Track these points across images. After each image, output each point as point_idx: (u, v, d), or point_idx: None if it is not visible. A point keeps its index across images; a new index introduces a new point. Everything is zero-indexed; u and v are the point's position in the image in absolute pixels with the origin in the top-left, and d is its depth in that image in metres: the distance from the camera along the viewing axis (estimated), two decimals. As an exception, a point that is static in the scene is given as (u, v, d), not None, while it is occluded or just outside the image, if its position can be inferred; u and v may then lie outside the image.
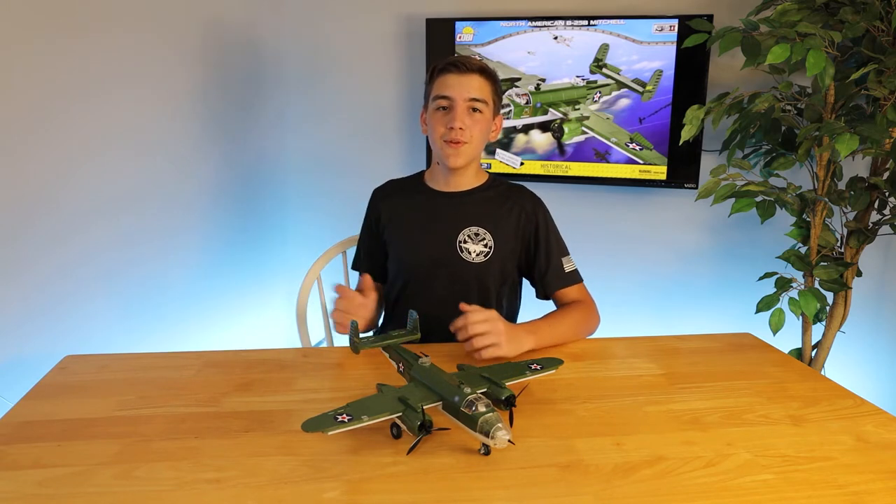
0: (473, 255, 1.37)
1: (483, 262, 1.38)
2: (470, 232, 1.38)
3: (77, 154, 1.57)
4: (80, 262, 1.60)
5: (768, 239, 2.16)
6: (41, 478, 0.81)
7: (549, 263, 1.40)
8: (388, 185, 1.52)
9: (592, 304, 1.40)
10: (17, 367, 1.38)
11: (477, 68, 1.33)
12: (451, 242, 1.38)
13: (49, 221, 1.51)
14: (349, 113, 2.53)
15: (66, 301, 1.57)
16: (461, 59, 1.33)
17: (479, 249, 1.38)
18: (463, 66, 1.32)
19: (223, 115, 2.18)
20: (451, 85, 1.32)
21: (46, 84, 1.47)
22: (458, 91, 1.31)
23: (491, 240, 1.38)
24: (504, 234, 1.39)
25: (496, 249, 1.38)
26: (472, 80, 1.32)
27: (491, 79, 1.35)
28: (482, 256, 1.38)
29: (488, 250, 1.38)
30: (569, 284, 1.40)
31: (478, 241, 1.38)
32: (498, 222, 1.40)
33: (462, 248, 1.38)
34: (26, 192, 1.45)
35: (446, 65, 1.33)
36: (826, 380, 1.14)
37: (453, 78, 1.32)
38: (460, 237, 1.38)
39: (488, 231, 1.39)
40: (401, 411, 0.88)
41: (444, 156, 1.35)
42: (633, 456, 0.87)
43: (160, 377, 1.11)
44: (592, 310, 1.38)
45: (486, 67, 1.35)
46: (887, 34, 1.67)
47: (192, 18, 1.98)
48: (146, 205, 1.83)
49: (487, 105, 1.34)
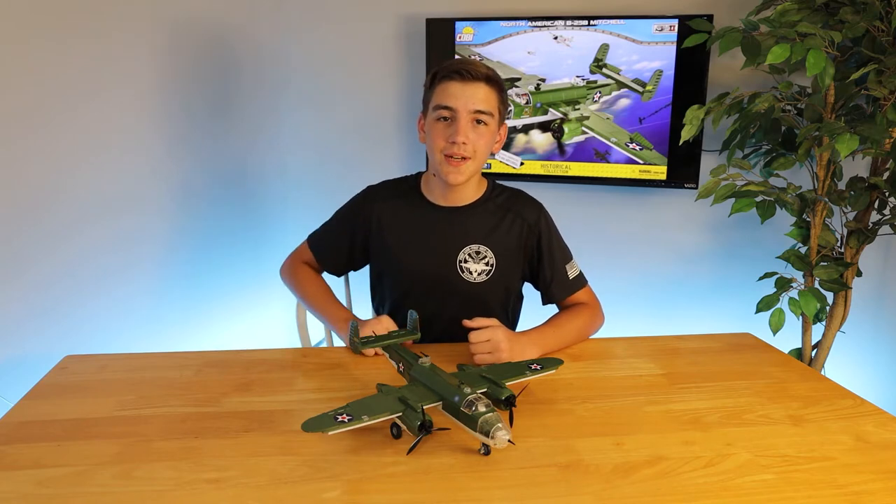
0: (475, 274, 1.31)
1: (485, 281, 1.32)
2: (471, 251, 1.31)
3: (77, 154, 1.57)
4: (80, 262, 1.60)
5: (768, 239, 2.16)
6: (41, 478, 0.81)
7: (553, 273, 1.35)
8: (385, 186, 1.41)
9: (598, 305, 1.38)
10: (17, 367, 1.38)
11: (483, 76, 1.21)
12: (451, 262, 1.31)
13: (49, 221, 1.51)
14: (349, 113, 2.53)
15: (66, 301, 1.56)
16: (466, 65, 1.21)
17: (481, 269, 1.31)
18: (468, 73, 1.20)
19: (223, 115, 2.18)
20: (453, 94, 1.20)
21: (45, 84, 1.47)
22: (462, 102, 1.20)
23: (492, 257, 1.32)
24: (506, 249, 1.33)
25: (498, 267, 1.32)
26: (478, 89, 1.21)
27: (497, 87, 1.24)
28: (484, 276, 1.31)
29: (490, 269, 1.32)
30: (574, 291, 1.37)
31: (479, 260, 1.31)
32: (500, 238, 1.33)
33: (462, 269, 1.31)
34: (26, 192, 1.44)
35: (449, 72, 1.21)
36: (826, 380, 1.14)
37: (456, 87, 1.21)
38: (460, 256, 1.31)
39: (490, 248, 1.32)
40: (401, 411, 0.88)
41: (444, 172, 1.25)
42: (633, 456, 0.87)
43: (160, 377, 1.11)
44: (597, 312, 1.36)
45: (493, 74, 1.23)
46: (887, 34, 1.67)
47: (191, 19, 1.98)
48: (146, 205, 1.83)
49: (493, 117, 1.24)
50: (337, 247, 1.42)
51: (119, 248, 1.73)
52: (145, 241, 1.84)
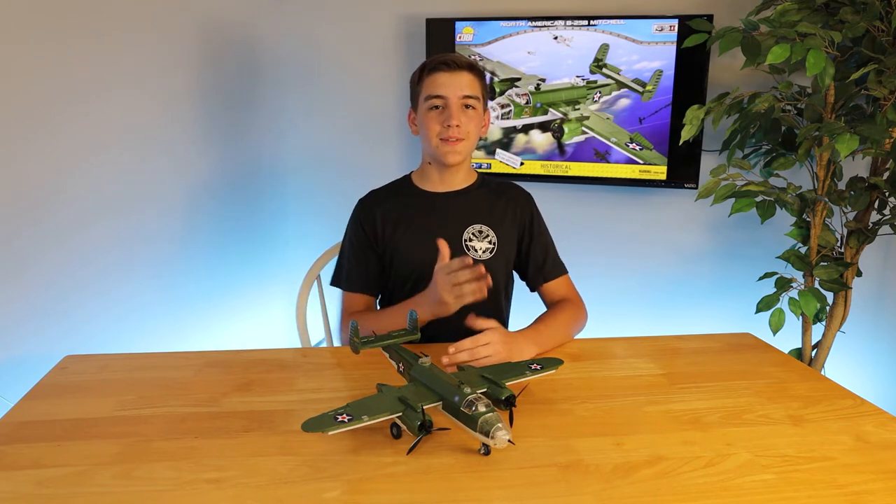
0: (480, 252, 1.38)
1: (490, 258, 1.38)
2: (474, 230, 1.39)
3: (77, 154, 1.57)
4: (80, 262, 1.60)
5: (768, 239, 2.16)
6: (41, 478, 0.81)
7: (546, 254, 1.43)
8: (374, 195, 1.46)
9: (580, 299, 1.43)
10: (17, 367, 1.38)
11: (466, 65, 1.33)
12: (458, 241, 1.37)
13: (49, 221, 1.51)
14: (349, 112, 2.53)
15: (66, 301, 1.56)
16: (449, 57, 1.33)
17: (486, 246, 1.38)
18: (454, 63, 1.32)
19: (223, 115, 2.18)
20: (443, 83, 1.32)
21: (45, 84, 1.47)
22: (452, 89, 1.31)
23: (494, 236, 1.39)
24: (504, 230, 1.41)
25: (500, 246, 1.39)
26: (463, 77, 1.32)
27: (479, 75, 1.36)
28: (489, 253, 1.38)
29: (493, 247, 1.39)
30: (562, 273, 1.44)
31: (483, 239, 1.38)
32: (497, 218, 1.41)
33: (469, 247, 1.37)
34: (26, 192, 1.44)
35: (437, 63, 1.33)
36: (826, 380, 1.14)
37: (445, 76, 1.32)
38: (465, 235, 1.38)
39: (491, 228, 1.40)
40: (401, 411, 0.88)
41: (442, 153, 1.34)
42: (633, 456, 0.87)
43: (160, 377, 1.11)
44: (581, 306, 1.41)
45: (474, 63, 1.36)
46: (887, 34, 1.67)
47: (191, 19, 1.98)
48: (146, 205, 1.83)
49: (479, 101, 1.35)
50: (369, 269, 1.41)
51: (119, 248, 1.73)
52: (145, 241, 1.83)
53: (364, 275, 1.41)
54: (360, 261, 1.41)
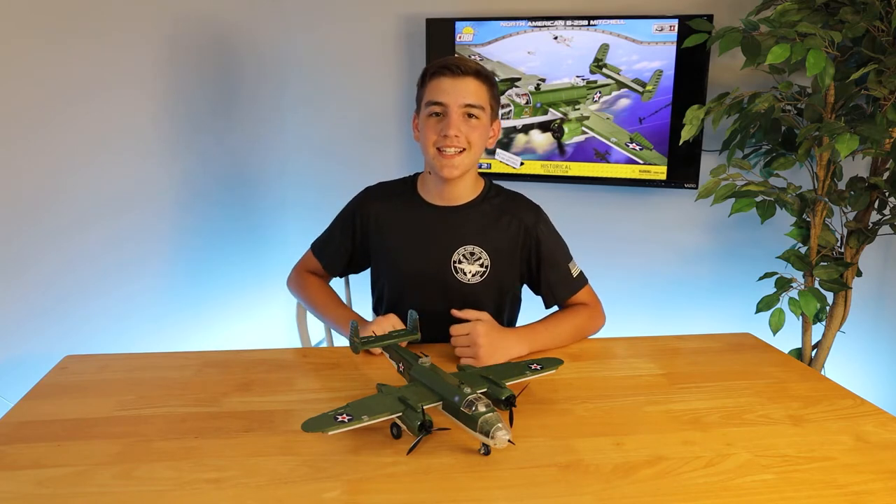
0: (469, 275, 1.31)
1: (479, 282, 1.32)
2: (465, 251, 1.31)
3: (77, 154, 1.57)
4: (80, 262, 1.60)
5: (768, 239, 2.16)
6: (41, 478, 0.81)
7: (558, 276, 1.35)
8: (382, 187, 1.43)
9: (598, 305, 1.38)
10: (17, 367, 1.38)
11: (472, 71, 1.24)
12: (445, 263, 1.31)
13: (49, 221, 1.51)
14: (349, 113, 2.53)
15: (66, 301, 1.56)
16: (455, 61, 1.24)
17: (475, 270, 1.31)
18: (457, 68, 1.22)
19: (223, 115, 2.18)
20: (444, 90, 1.23)
21: (45, 84, 1.47)
22: (453, 96, 1.22)
23: (487, 258, 1.32)
24: (501, 250, 1.33)
25: (493, 268, 1.32)
26: (468, 83, 1.23)
27: (487, 82, 1.27)
28: (478, 277, 1.32)
29: (484, 270, 1.32)
30: (578, 290, 1.37)
31: (473, 261, 1.31)
32: (495, 239, 1.33)
33: (457, 269, 1.31)
34: (26, 192, 1.44)
35: (439, 67, 1.24)
36: (826, 380, 1.15)
37: (447, 82, 1.23)
38: (455, 257, 1.31)
39: (484, 249, 1.32)
40: (401, 411, 0.88)
41: (439, 166, 1.26)
42: (633, 456, 0.87)
43: (160, 377, 1.11)
44: (597, 311, 1.37)
45: (482, 69, 1.26)
46: (887, 34, 1.67)
47: (191, 18, 1.98)
48: (145, 205, 1.83)
49: (484, 110, 1.26)
50: (340, 250, 1.43)
51: (119, 248, 1.73)
52: (145, 241, 1.83)
53: (333, 253, 1.44)
54: (337, 239, 1.43)
